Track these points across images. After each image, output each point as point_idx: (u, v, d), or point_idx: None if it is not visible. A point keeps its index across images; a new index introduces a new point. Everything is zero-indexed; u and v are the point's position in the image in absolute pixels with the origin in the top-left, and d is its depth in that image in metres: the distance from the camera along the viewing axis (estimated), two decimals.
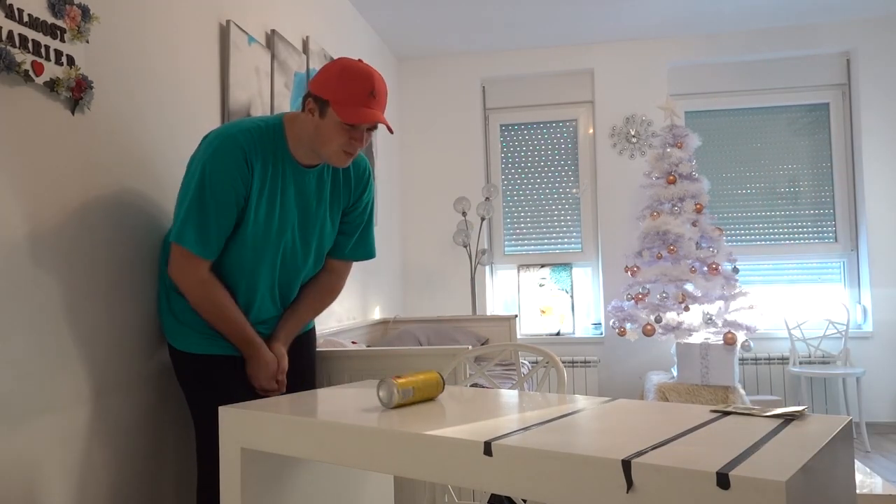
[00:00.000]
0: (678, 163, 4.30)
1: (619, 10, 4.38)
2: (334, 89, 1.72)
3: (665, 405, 1.35)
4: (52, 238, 1.67)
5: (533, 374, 2.99)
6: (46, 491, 1.64)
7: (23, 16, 1.58)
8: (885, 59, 4.63)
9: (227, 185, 1.75)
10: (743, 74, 4.88)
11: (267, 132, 1.83)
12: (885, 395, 4.53)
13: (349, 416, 1.33)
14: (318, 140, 1.79)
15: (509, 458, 1.06)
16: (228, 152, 1.76)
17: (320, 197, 1.94)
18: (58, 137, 1.70)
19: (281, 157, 1.84)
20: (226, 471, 1.47)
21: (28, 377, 1.58)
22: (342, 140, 1.76)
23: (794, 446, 1.00)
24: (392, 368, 2.28)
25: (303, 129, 1.82)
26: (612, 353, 4.84)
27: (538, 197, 5.13)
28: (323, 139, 1.78)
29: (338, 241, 2.07)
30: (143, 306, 2.00)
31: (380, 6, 4.18)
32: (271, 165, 1.83)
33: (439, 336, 3.81)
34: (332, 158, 1.81)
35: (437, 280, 5.10)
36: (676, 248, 4.18)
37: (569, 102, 5.10)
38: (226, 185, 1.75)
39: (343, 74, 1.72)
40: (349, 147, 1.77)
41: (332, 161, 1.81)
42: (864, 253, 4.64)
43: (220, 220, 1.77)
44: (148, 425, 2.01)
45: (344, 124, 1.73)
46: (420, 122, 5.17)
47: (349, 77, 1.72)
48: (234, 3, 2.62)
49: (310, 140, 1.82)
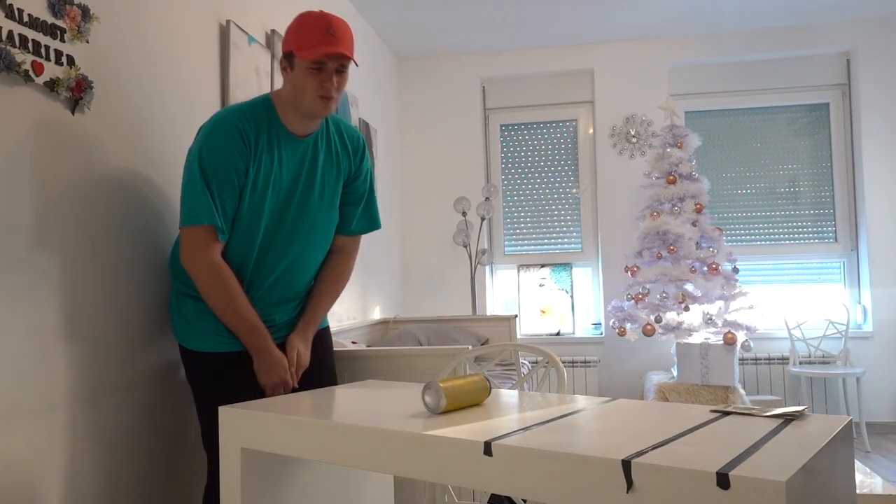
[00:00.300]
0: (678, 163, 4.30)
1: (619, 10, 4.38)
2: (295, 38, 1.79)
3: (665, 405, 1.35)
4: (53, 238, 1.67)
5: (533, 374, 2.99)
6: (45, 491, 1.64)
7: (23, 16, 1.58)
8: (885, 59, 4.63)
9: (227, 163, 1.78)
10: (743, 74, 4.88)
11: (258, 107, 1.87)
12: (885, 395, 4.53)
13: (350, 417, 1.33)
14: (296, 95, 1.82)
15: (509, 458, 1.06)
16: (225, 131, 1.79)
17: (314, 164, 1.94)
18: (58, 137, 1.70)
19: (275, 128, 1.87)
20: (226, 471, 1.47)
21: (28, 377, 1.58)
22: (314, 84, 1.79)
23: (794, 446, 1.00)
24: (392, 368, 2.27)
25: (286, 93, 1.86)
26: (612, 353, 4.84)
27: (538, 197, 5.13)
28: (298, 91, 1.81)
29: (344, 213, 2.07)
30: (143, 306, 2.00)
31: (380, 6, 4.18)
32: (265, 136, 1.85)
33: (439, 336, 3.81)
34: (313, 107, 1.82)
35: (437, 280, 5.10)
36: (676, 248, 4.18)
37: (569, 102, 5.10)
38: (226, 162, 1.78)
39: (299, 23, 1.80)
40: (322, 90, 1.80)
41: (314, 110, 1.83)
42: (864, 253, 4.64)
43: (223, 195, 1.79)
44: (148, 425, 2.01)
45: (311, 67, 1.78)
46: (420, 122, 5.17)
47: (305, 23, 1.79)
48: (234, 3, 2.63)
49: (292, 100, 1.85)
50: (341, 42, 1.78)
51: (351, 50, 1.81)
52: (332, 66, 1.80)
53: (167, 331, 2.11)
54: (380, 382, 1.83)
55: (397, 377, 2.27)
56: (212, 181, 1.77)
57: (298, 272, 1.98)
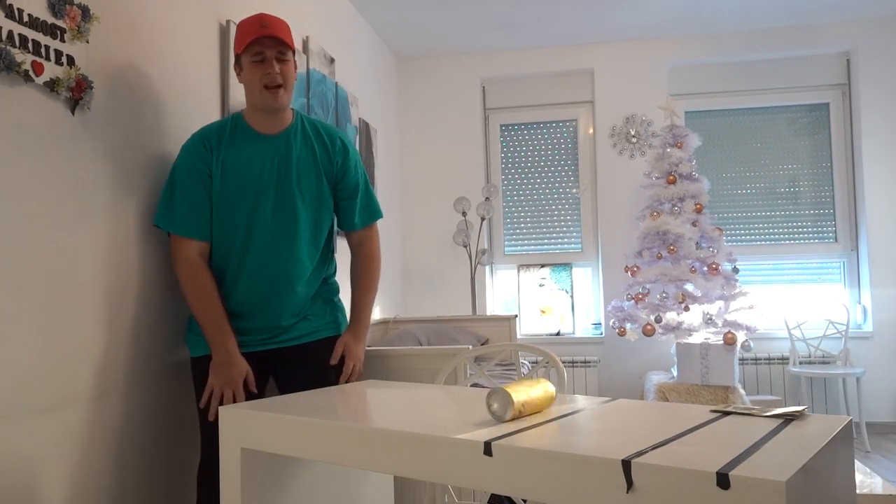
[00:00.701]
0: (678, 163, 4.30)
1: (619, 10, 4.38)
2: (237, 41, 1.96)
3: (665, 405, 1.35)
4: (53, 238, 1.67)
5: (533, 374, 2.99)
6: (46, 491, 1.64)
7: (23, 16, 1.58)
8: (885, 59, 4.63)
9: (190, 166, 1.97)
10: (743, 74, 4.88)
11: (225, 120, 2.05)
12: (885, 395, 4.53)
13: (350, 417, 1.33)
14: (249, 92, 1.98)
15: (509, 458, 1.06)
16: (190, 143, 2.00)
17: (288, 157, 2.02)
18: (58, 137, 1.70)
19: (241, 129, 2.02)
20: (226, 471, 1.47)
21: (28, 377, 1.58)
22: (257, 75, 1.93)
23: (794, 446, 1.00)
24: (392, 368, 2.27)
25: (246, 98, 2.01)
26: (612, 353, 4.84)
27: (538, 197, 5.13)
28: (248, 87, 1.97)
29: (345, 209, 2.16)
30: (143, 306, 2.00)
31: (380, 6, 4.18)
32: (228, 138, 2.00)
33: (439, 336, 3.81)
34: (263, 99, 1.95)
35: (437, 280, 5.10)
36: (676, 248, 4.18)
37: (569, 102, 5.10)
38: (189, 166, 1.97)
39: (239, 26, 1.97)
40: (265, 78, 1.93)
41: (264, 101, 1.95)
42: (864, 253, 4.64)
43: (185, 196, 1.95)
44: (148, 425, 2.01)
45: (253, 61, 1.93)
46: (420, 122, 5.17)
47: (242, 24, 1.96)
48: (234, 3, 2.62)
49: (249, 100, 2.00)
50: (275, 30, 1.92)
51: (286, 36, 1.94)
52: (271, 55, 1.93)
53: (168, 331, 2.11)
54: (380, 382, 1.83)
55: (397, 377, 2.27)
56: (177, 187, 1.96)
57: (287, 261, 2.02)
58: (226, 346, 1.92)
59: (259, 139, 2.01)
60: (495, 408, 1.26)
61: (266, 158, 2.00)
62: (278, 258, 2.00)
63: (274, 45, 1.93)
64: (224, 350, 1.92)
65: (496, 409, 1.26)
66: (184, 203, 1.95)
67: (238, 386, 1.91)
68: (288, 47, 1.96)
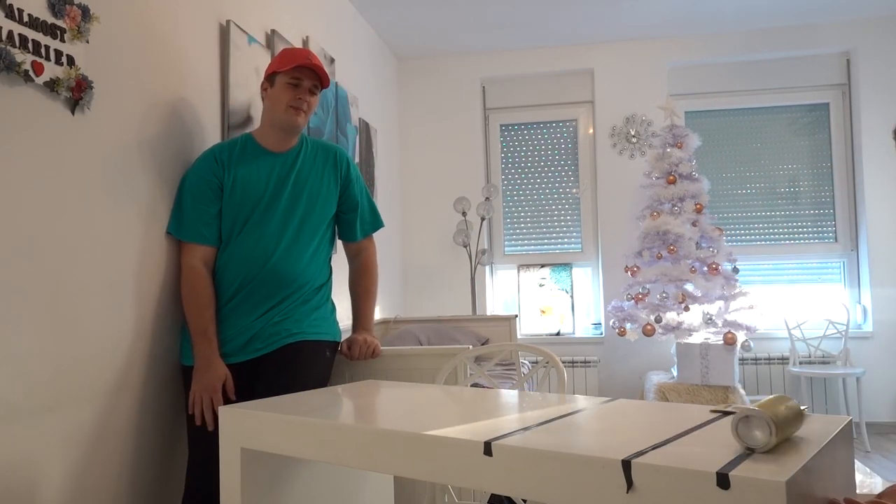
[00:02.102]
0: (678, 163, 4.30)
1: (619, 10, 4.38)
2: (277, 62, 2.10)
3: (665, 405, 1.35)
4: (53, 238, 1.67)
5: (533, 374, 2.99)
6: (47, 491, 1.64)
7: (23, 16, 1.58)
8: (885, 59, 4.63)
9: (200, 179, 2.09)
10: (743, 74, 4.88)
11: (236, 139, 2.17)
12: (885, 395, 4.53)
13: (350, 417, 1.33)
14: (272, 108, 2.10)
15: (509, 458, 1.06)
16: (203, 158, 2.13)
17: (297, 173, 2.15)
18: (58, 137, 1.70)
19: (251, 147, 2.15)
20: (226, 471, 1.47)
21: (28, 377, 1.58)
22: (289, 97, 2.07)
23: (795, 446, 0.99)
24: (392, 368, 2.27)
25: (264, 115, 2.15)
26: (612, 353, 4.84)
27: (538, 197, 5.13)
28: (274, 104, 2.09)
29: (348, 221, 2.28)
30: (143, 307, 2.00)
31: (380, 6, 4.18)
32: (238, 153, 2.13)
33: (439, 336, 3.81)
34: (285, 117, 2.09)
35: (437, 280, 5.10)
36: (676, 248, 4.18)
37: (569, 102, 5.10)
38: (199, 178, 2.09)
39: (284, 51, 2.12)
40: (295, 101, 2.08)
41: (287, 120, 2.09)
42: (864, 253, 4.64)
43: (195, 205, 2.06)
44: (148, 426, 2.01)
45: (289, 82, 2.07)
46: (420, 122, 5.17)
47: (288, 51, 2.11)
48: (234, 3, 2.62)
49: (269, 116, 2.12)
50: (319, 66, 2.09)
51: (324, 75, 2.12)
52: (307, 85, 2.10)
53: (169, 332, 2.11)
54: (380, 382, 1.83)
55: (397, 377, 2.27)
56: (186, 194, 2.08)
57: (291, 262, 2.11)
58: (204, 351, 1.98)
59: (268, 155, 2.15)
60: (759, 435, 0.99)
61: (275, 174, 2.13)
62: (287, 259, 2.10)
63: (312, 78, 2.10)
64: (202, 356, 1.98)
65: (760, 436, 0.99)
66: (190, 210, 2.07)
67: (216, 392, 1.94)
68: (322, 86, 2.14)
